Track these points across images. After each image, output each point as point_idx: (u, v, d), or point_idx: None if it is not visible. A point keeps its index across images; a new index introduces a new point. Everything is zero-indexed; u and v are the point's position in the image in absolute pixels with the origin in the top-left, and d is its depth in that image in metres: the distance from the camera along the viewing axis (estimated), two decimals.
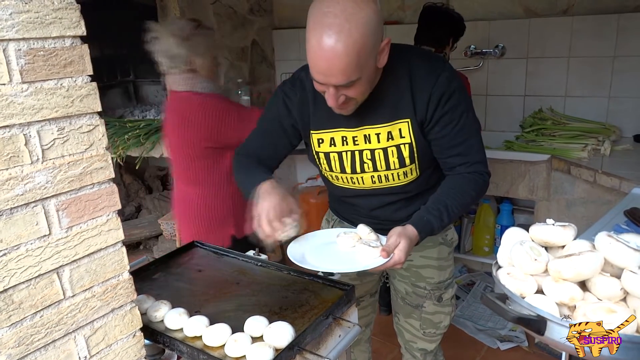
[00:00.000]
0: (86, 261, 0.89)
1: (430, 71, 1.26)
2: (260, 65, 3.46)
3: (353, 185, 1.39)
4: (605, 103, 2.66)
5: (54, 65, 0.81)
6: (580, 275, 0.77)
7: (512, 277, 0.83)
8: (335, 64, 1.08)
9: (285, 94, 1.37)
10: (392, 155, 1.31)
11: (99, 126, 0.88)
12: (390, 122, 1.28)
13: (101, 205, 0.90)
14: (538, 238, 0.85)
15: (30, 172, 0.79)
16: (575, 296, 0.76)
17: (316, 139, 1.36)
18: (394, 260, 1.14)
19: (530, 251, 0.82)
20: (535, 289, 0.80)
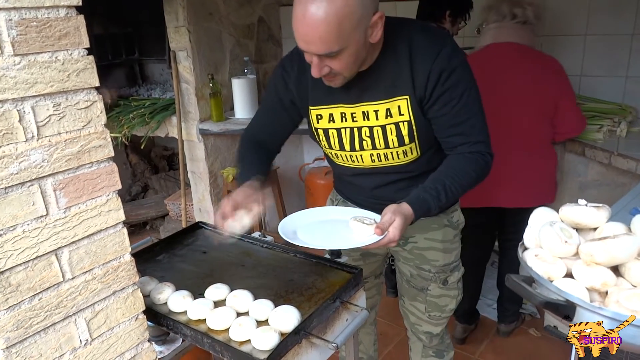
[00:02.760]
0: (86, 243, 0.86)
1: (431, 46, 1.20)
2: (266, 43, 3.39)
3: (353, 163, 1.36)
4: (622, 83, 2.58)
5: (48, 37, 0.76)
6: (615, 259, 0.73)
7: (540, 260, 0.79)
8: (315, 31, 1.05)
9: (283, 68, 1.35)
10: (390, 134, 1.27)
11: (97, 102, 0.85)
12: (389, 99, 1.24)
13: (100, 185, 0.87)
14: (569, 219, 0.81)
15: (25, 149, 0.76)
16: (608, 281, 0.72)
17: (315, 114, 1.33)
18: (388, 238, 1.11)
19: (561, 232, 0.78)
20: (565, 272, 0.76)
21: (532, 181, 1.99)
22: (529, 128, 1.96)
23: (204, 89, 2.92)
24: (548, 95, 1.93)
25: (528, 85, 1.93)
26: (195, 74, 2.86)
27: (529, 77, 1.93)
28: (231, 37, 3.09)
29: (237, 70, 3.12)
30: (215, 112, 2.91)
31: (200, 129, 2.93)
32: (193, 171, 3.11)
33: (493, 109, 1.96)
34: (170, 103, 3.02)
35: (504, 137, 1.96)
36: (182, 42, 2.81)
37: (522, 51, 1.96)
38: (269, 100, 1.43)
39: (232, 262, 1.26)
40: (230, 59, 3.11)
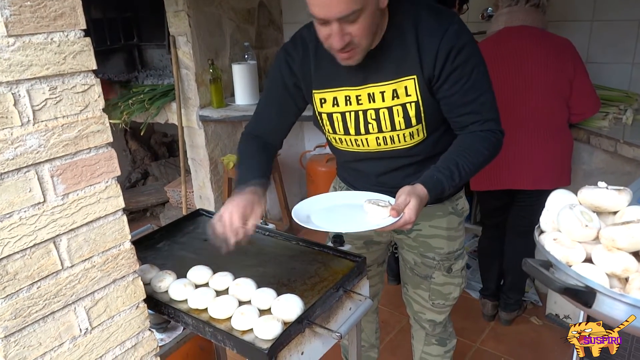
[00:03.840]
0: (85, 230, 0.84)
1: (438, 25, 1.18)
2: (267, 28, 3.35)
3: (358, 148, 1.33)
4: (628, 70, 2.54)
5: (43, 18, 0.74)
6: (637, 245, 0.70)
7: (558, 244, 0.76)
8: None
9: (287, 52, 1.31)
10: (397, 115, 1.24)
11: (95, 86, 0.82)
12: (396, 80, 1.21)
13: (99, 171, 0.85)
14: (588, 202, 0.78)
15: (20, 134, 0.74)
16: (630, 267, 0.69)
17: (318, 98, 1.30)
18: (404, 220, 1.08)
19: (581, 216, 0.74)
20: (584, 257, 0.73)
21: (548, 163, 1.99)
22: (545, 110, 1.95)
23: (204, 75, 2.88)
24: (563, 75, 1.92)
25: (543, 67, 1.92)
26: (195, 60, 2.82)
27: (543, 58, 1.92)
28: (231, 21, 3.04)
29: (238, 56, 3.08)
30: (215, 98, 2.87)
31: (201, 115, 2.90)
32: (193, 158, 3.09)
33: (510, 92, 1.97)
34: (170, 89, 2.99)
35: (521, 120, 1.96)
36: (182, 26, 2.77)
37: (535, 34, 1.95)
38: (272, 88, 1.38)
39: (234, 250, 1.23)
40: (231, 44, 3.06)
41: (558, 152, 2.00)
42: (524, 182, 2.01)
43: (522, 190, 2.07)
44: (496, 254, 2.33)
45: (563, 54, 1.93)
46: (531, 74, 1.93)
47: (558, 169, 2.01)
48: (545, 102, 1.94)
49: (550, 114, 1.96)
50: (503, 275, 2.39)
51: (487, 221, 2.37)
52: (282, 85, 1.34)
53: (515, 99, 1.95)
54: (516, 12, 1.98)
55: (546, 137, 1.97)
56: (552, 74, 1.92)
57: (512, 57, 1.95)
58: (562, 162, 2.02)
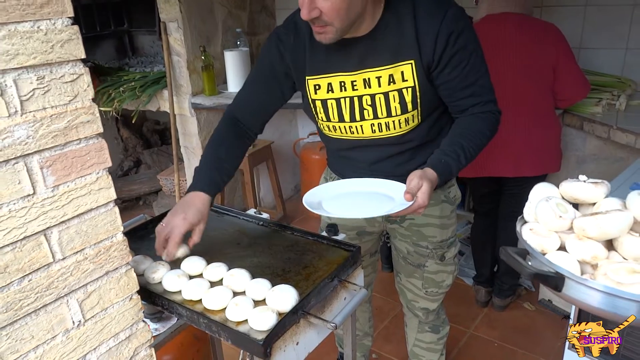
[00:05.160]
0: (76, 222, 0.83)
1: (437, 7, 1.17)
2: (259, 14, 3.31)
3: (352, 135, 1.32)
4: (622, 55, 2.54)
5: (29, 5, 0.72)
6: (606, 234, 0.75)
7: (534, 233, 0.81)
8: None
9: (278, 37, 1.29)
10: (393, 100, 1.23)
11: (84, 75, 0.80)
12: (392, 64, 1.20)
13: (90, 163, 0.83)
14: (568, 194, 0.82)
15: (8, 125, 0.72)
16: (598, 255, 0.74)
17: (312, 85, 1.28)
18: (418, 204, 1.09)
19: (556, 208, 0.79)
20: (558, 245, 0.78)
21: (530, 150, 1.98)
22: (528, 97, 1.94)
23: (196, 62, 2.85)
24: (545, 61, 1.91)
25: (524, 54, 1.91)
26: (187, 46, 2.79)
27: (523, 45, 1.91)
28: (223, 7, 3.00)
29: (230, 43, 3.04)
30: (207, 85, 2.84)
31: (193, 103, 2.87)
32: (186, 146, 3.07)
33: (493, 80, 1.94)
34: (161, 76, 2.95)
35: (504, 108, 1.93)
36: (173, 12, 2.73)
37: (517, 20, 1.93)
38: (259, 71, 1.35)
39: (228, 241, 1.23)
40: (223, 30, 3.03)
41: (542, 138, 1.99)
42: (506, 170, 2.01)
43: (507, 178, 2.07)
44: (489, 240, 2.34)
45: (544, 40, 1.91)
46: (510, 61, 1.92)
47: (542, 155, 2.01)
48: (526, 89, 1.93)
49: (532, 101, 1.95)
50: (496, 262, 2.40)
51: (478, 208, 2.38)
52: (270, 70, 1.32)
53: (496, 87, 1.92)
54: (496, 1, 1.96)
55: (528, 125, 1.96)
56: (532, 60, 1.91)
57: (492, 45, 1.92)
58: (546, 149, 2.01)
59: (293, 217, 3.43)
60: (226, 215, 1.37)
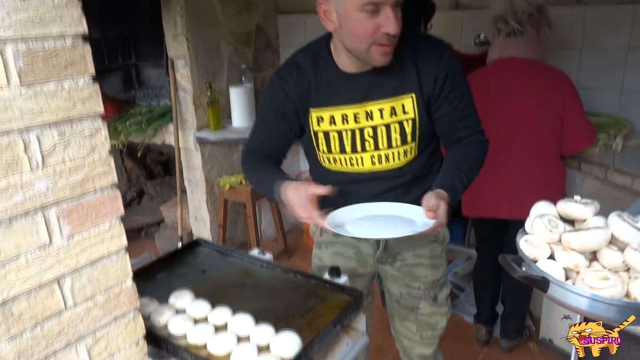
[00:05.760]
0: (88, 270, 0.86)
1: (434, 51, 1.29)
2: (264, 51, 3.40)
3: (351, 167, 1.36)
4: (617, 96, 2.60)
5: (54, 67, 0.76)
6: (586, 246, 0.87)
7: (528, 244, 0.93)
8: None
9: (280, 77, 1.34)
10: (394, 132, 1.30)
11: (102, 129, 0.84)
12: (395, 97, 1.28)
13: (104, 212, 0.87)
14: (563, 212, 0.95)
15: (30, 179, 0.76)
16: (579, 263, 0.87)
17: (315, 117, 1.33)
18: (439, 222, 1.15)
19: (548, 223, 0.92)
20: (548, 254, 0.90)
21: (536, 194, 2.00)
22: (534, 142, 1.97)
23: (202, 97, 2.91)
24: (552, 110, 1.93)
25: (532, 100, 1.94)
26: (193, 82, 2.86)
27: (532, 91, 1.94)
28: (229, 45, 3.09)
29: (235, 78, 3.12)
30: (212, 120, 2.90)
31: (198, 137, 2.93)
32: (189, 179, 3.10)
33: (497, 124, 1.99)
34: (167, 110, 3.01)
35: (509, 151, 1.98)
36: (180, 50, 2.81)
37: (527, 66, 1.97)
38: (266, 113, 1.40)
39: (232, 283, 1.25)
40: (228, 67, 3.11)
41: (547, 183, 2.01)
42: (512, 212, 2.03)
43: (513, 219, 2.09)
44: (491, 279, 2.34)
45: (553, 89, 1.94)
46: (518, 107, 1.95)
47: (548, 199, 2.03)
48: (532, 135, 1.96)
49: (538, 147, 1.98)
50: (499, 301, 2.40)
51: (481, 246, 2.40)
52: (276, 111, 1.35)
53: (503, 132, 1.96)
54: (508, 44, 2.01)
55: (534, 169, 1.99)
56: (539, 108, 1.93)
57: (500, 90, 1.97)
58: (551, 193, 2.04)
59: (294, 250, 3.44)
60: (230, 256, 1.39)
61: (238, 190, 2.94)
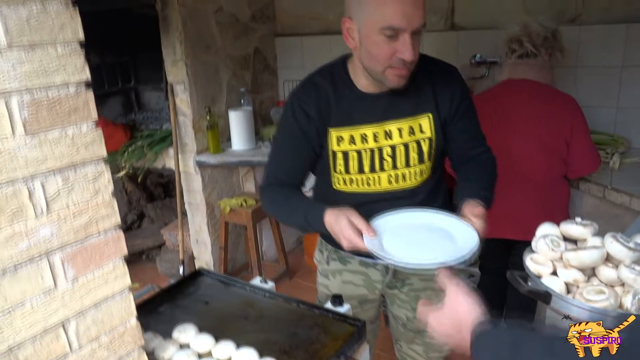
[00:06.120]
0: (93, 312, 0.86)
1: (448, 70, 1.36)
2: (262, 73, 3.43)
3: (367, 188, 1.37)
4: (613, 113, 2.63)
5: (58, 114, 0.78)
6: (584, 264, 0.96)
7: (533, 261, 1.01)
8: (417, 2, 1.13)
9: (299, 98, 1.33)
10: (412, 151, 1.33)
11: (105, 172, 0.86)
12: (413, 116, 1.32)
13: (107, 253, 0.88)
14: (565, 232, 1.04)
15: (34, 226, 0.77)
16: (578, 279, 0.95)
17: (335, 137, 1.33)
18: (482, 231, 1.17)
19: (550, 243, 1.01)
20: (551, 271, 0.99)
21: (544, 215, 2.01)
22: (539, 164, 1.98)
23: (201, 122, 2.94)
24: (559, 135, 1.95)
25: (540, 123, 1.95)
26: (193, 107, 2.88)
27: (541, 115, 1.95)
28: (228, 68, 3.12)
29: (234, 101, 3.14)
30: (212, 144, 2.92)
31: (198, 160, 2.94)
32: (190, 202, 3.11)
33: (506, 144, 2.00)
34: (167, 135, 3.03)
35: (516, 173, 2.00)
36: (180, 75, 2.84)
37: (536, 89, 1.98)
38: (288, 137, 1.37)
39: (235, 314, 1.26)
40: (227, 90, 3.13)
41: (551, 204, 2.03)
42: (517, 233, 2.04)
43: (518, 240, 2.10)
44: (495, 297, 2.34)
45: (562, 114, 1.95)
46: (526, 130, 1.96)
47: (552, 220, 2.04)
48: (538, 157, 1.97)
49: (543, 169, 1.99)
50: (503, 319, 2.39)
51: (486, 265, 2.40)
52: (298, 133, 1.33)
53: (509, 153, 1.97)
54: (520, 65, 2.02)
55: (538, 191, 2.01)
56: (547, 131, 1.95)
57: (509, 111, 1.99)
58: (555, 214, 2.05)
59: (295, 271, 3.43)
60: (232, 286, 1.40)
61: (239, 213, 2.95)
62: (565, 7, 2.68)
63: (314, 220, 1.24)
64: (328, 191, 1.43)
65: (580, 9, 2.67)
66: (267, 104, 3.48)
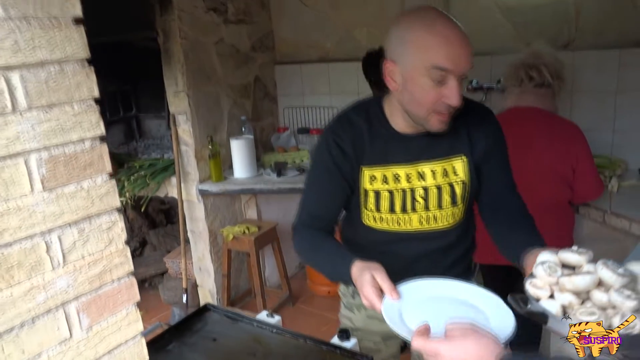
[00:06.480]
0: (106, 358, 0.88)
1: (482, 108, 1.36)
2: (262, 100, 3.48)
3: (397, 227, 1.34)
4: (609, 136, 2.67)
5: (74, 169, 0.80)
6: (577, 288, 1.02)
7: (532, 286, 1.07)
8: (466, 47, 1.12)
9: (334, 133, 1.32)
10: (445, 193, 1.31)
11: (118, 222, 0.88)
12: (447, 158, 1.30)
13: (121, 300, 0.89)
14: (562, 259, 1.10)
15: (51, 278, 0.79)
16: (573, 302, 1.01)
17: (368, 175, 1.31)
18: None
19: (548, 269, 1.07)
20: (549, 294, 1.05)
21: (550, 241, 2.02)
22: (545, 191, 1.99)
23: (203, 151, 2.97)
24: (566, 161, 1.97)
25: (547, 151, 1.97)
26: (195, 136, 2.92)
27: (547, 144, 1.97)
28: (229, 98, 3.17)
29: (235, 129, 3.18)
30: (214, 172, 2.95)
31: (200, 189, 2.97)
32: (192, 230, 3.13)
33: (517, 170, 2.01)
34: (169, 164, 3.07)
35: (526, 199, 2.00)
36: (182, 106, 2.88)
37: (542, 116, 2.01)
38: (325, 173, 1.34)
39: (243, 352, 1.27)
40: (228, 118, 3.18)
41: (556, 230, 2.04)
42: None
43: None
44: None
45: (567, 141, 1.98)
46: (534, 157, 1.98)
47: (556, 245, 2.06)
48: (544, 184, 1.98)
49: (549, 195, 2.00)
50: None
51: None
52: (334, 168, 1.31)
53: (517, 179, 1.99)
54: (526, 93, 2.04)
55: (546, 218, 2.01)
56: (554, 159, 1.97)
57: (517, 138, 2.01)
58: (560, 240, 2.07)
59: (298, 296, 3.44)
60: (239, 322, 1.41)
61: (241, 240, 2.96)
62: (558, 32, 2.74)
63: (343, 274, 1.20)
64: (357, 225, 1.40)
65: (573, 34, 2.73)
66: (267, 130, 3.52)
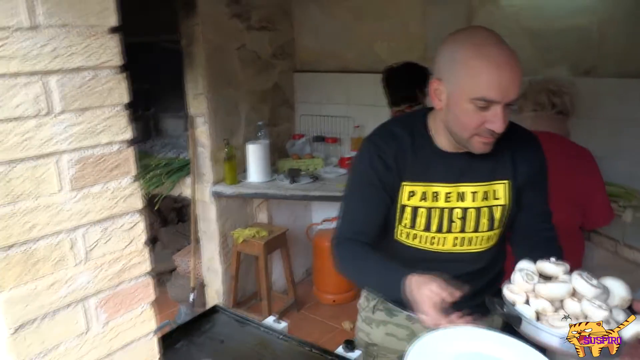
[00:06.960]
0: (119, 354, 0.90)
1: (529, 135, 1.35)
2: (280, 107, 3.52)
3: (431, 246, 1.32)
4: (627, 165, 2.64)
5: (102, 170, 0.84)
6: (551, 296, 1.06)
7: (510, 291, 1.12)
8: (516, 76, 1.11)
9: (377, 146, 1.29)
10: (483, 216, 1.29)
11: (140, 222, 0.91)
12: (489, 181, 1.28)
13: (137, 298, 0.92)
14: (540, 269, 1.14)
15: (74, 274, 0.82)
16: (546, 308, 1.06)
17: (408, 191, 1.29)
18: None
19: (525, 276, 1.11)
20: (524, 300, 1.10)
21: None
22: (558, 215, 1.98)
23: (219, 153, 3.01)
24: (581, 187, 1.97)
25: (563, 176, 1.94)
26: (212, 139, 2.97)
27: (561, 167, 1.94)
28: (247, 102, 3.21)
29: (252, 134, 3.22)
30: (229, 175, 2.99)
31: (214, 191, 3.01)
32: (204, 230, 3.17)
33: None
34: (185, 164, 3.11)
35: None
36: (201, 108, 2.93)
37: (558, 142, 2.01)
38: (367, 186, 1.30)
39: (250, 355, 1.29)
40: (245, 123, 3.22)
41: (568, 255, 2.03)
42: None
43: None
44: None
45: (581, 166, 1.98)
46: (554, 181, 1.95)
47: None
48: (559, 209, 1.98)
49: (568, 220, 1.97)
50: None
51: None
52: (376, 182, 1.28)
53: None
54: (542, 118, 2.04)
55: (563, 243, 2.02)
56: (571, 184, 1.96)
57: None
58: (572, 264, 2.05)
59: (304, 303, 3.46)
60: (247, 325, 1.43)
61: (251, 244, 2.99)
62: (580, 59, 2.74)
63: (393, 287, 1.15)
64: (388, 240, 1.36)
65: (595, 61, 2.73)
66: (283, 136, 3.56)
